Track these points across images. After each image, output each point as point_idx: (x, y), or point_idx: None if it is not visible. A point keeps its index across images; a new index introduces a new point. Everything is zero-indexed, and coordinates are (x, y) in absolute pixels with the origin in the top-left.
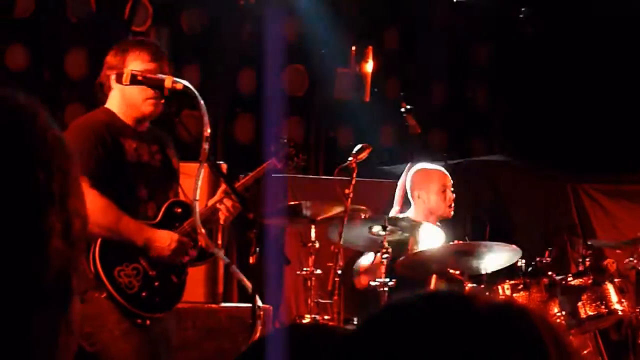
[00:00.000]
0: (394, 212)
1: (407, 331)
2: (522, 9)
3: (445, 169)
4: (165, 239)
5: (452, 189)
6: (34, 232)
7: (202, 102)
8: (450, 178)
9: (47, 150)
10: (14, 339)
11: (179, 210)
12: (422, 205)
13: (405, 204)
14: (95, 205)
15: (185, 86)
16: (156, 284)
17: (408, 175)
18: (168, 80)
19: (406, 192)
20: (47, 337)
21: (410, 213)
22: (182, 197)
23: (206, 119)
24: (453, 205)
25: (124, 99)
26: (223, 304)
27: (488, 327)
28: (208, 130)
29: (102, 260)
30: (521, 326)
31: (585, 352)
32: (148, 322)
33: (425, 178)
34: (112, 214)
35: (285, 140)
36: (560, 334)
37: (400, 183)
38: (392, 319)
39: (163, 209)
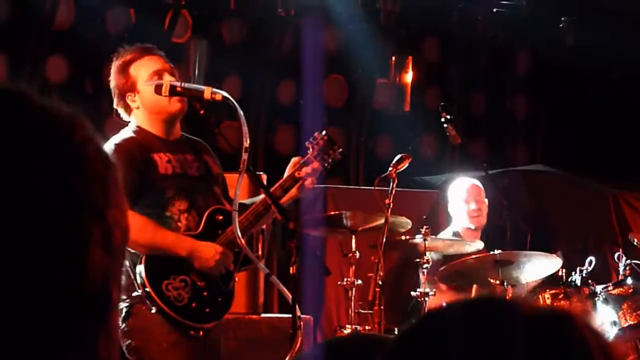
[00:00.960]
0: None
1: (449, 340)
2: (562, 18)
3: (486, 179)
4: (208, 251)
5: (482, 201)
6: (72, 242)
7: (241, 112)
8: (477, 188)
9: (85, 161)
10: (53, 350)
11: (221, 217)
12: (456, 218)
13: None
14: (132, 224)
15: (224, 97)
16: (205, 294)
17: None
18: (207, 92)
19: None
20: (87, 348)
21: (452, 227)
22: (226, 203)
23: (245, 129)
24: (477, 214)
25: (148, 109)
26: (264, 315)
27: (534, 334)
28: (247, 141)
29: (148, 276)
30: (568, 334)
31: None
32: (201, 332)
33: (452, 192)
34: (150, 230)
35: (320, 134)
36: (606, 340)
37: None
38: (433, 327)
39: (204, 218)
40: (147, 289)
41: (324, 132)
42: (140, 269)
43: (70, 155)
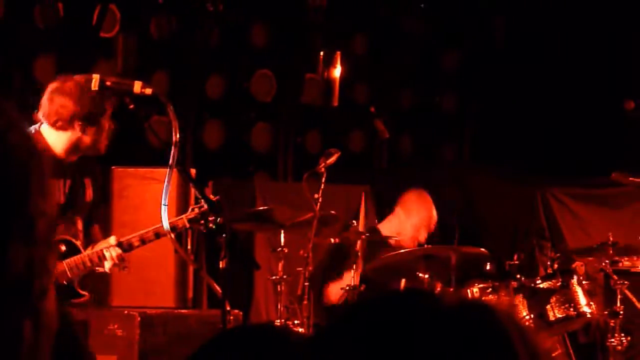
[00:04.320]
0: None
1: (370, 330)
2: (491, 16)
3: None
4: None
5: (431, 230)
6: None
7: (171, 107)
8: (435, 218)
9: (5, 148)
10: None
11: (63, 248)
12: (395, 224)
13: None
14: None
15: (154, 91)
16: None
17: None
18: (137, 86)
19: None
20: (10, 335)
21: (386, 223)
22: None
23: (175, 124)
24: (425, 237)
25: (68, 141)
26: (193, 309)
27: (455, 324)
28: (177, 136)
29: None
30: (488, 324)
31: (554, 354)
32: None
33: (412, 204)
34: None
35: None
36: (529, 333)
37: None
38: (354, 318)
39: None
40: None
41: (214, 199)
42: None
43: None
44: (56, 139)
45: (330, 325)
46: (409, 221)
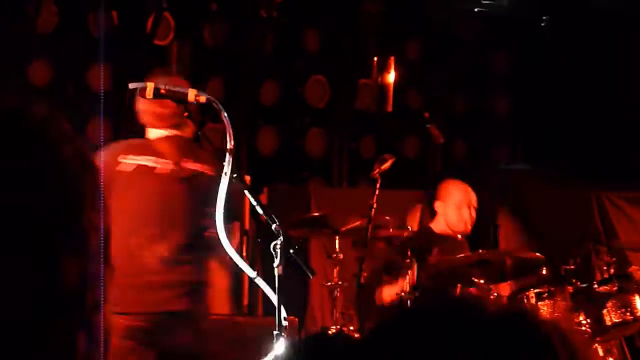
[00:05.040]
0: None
1: (415, 336)
2: (543, 17)
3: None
4: None
5: (474, 207)
6: (42, 247)
7: (225, 114)
8: (474, 197)
9: (58, 162)
10: (28, 351)
11: None
12: (441, 217)
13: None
14: None
15: (208, 99)
16: None
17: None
18: (191, 94)
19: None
20: (63, 348)
21: (434, 222)
22: None
23: (230, 131)
24: (468, 221)
25: None
26: (248, 317)
27: (496, 330)
28: (232, 143)
29: None
30: (531, 333)
31: (610, 359)
32: None
33: (447, 190)
34: None
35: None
36: (572, 339)
37: None
38: (401, 324)
39: None
40: None
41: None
42: None
43: (40, 156)
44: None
45: (377, 329)
46: (449, 206)
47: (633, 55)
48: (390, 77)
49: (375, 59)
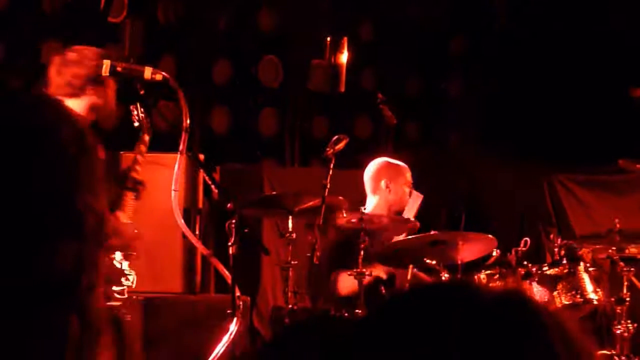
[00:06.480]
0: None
1: (413, 322)
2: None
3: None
4: None
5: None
6: (35, 228)
7: (181, 93)
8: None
9: (54, 144)
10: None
11: None
12: (385, 196)
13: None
14: None
15: (164, 77)
16: None
17: (373, 167)
18: (148, 71)
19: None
20: (55, 331)
21: (369, 205)
22: None
23: (186, 109)
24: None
25: None
26: (201, 294)
27: (493, 317)
28: (187, 121)
29: None
30: (524, 317)
31: None
32: None
33: (397, 171)
34: None
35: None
36: (565, 324)
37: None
38: (399, 310)
39: None
40: None
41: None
42: None
43: (35, 137)
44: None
45: (370, 316)
46: (399, 187)
47: (585, 35)
48: (343, 57)
49: (328, 39)
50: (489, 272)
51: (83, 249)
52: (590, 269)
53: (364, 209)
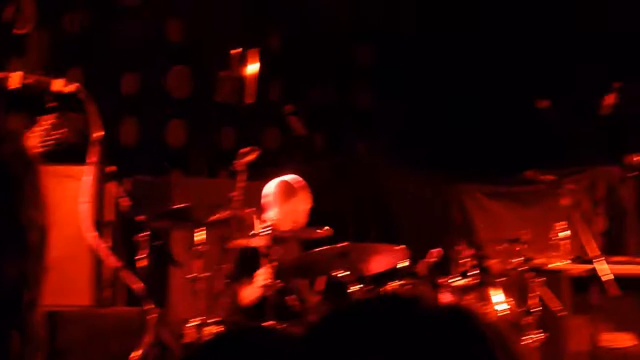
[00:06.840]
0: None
1: (354, 336)
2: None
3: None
4: None
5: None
6: None
7: (92, 104)
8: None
9: None
10: None
11: None
12: (288, 213)
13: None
14: None
15: (76, 88)
16: None
17: (276, 184)
18: (58, 83)
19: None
20: None
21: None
22: None
23: (96, 121)
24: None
25: None
26: (110, 308)
27: (434, 330)
28: (98, 133)
29: None
30: (467, 329)
31: None
32: None
33: (293, 191)
34: None
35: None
36: (507, 337)
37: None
38: (339, 324)
39: None
40: None
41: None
42: None
43: None
44: None
45: (313, 329)
46: (300, 206)
47: (492, 47)
48: (251, 69)
49: (236, 51)
50: (399, 283)
51: (26, 265)
52: (499, 279)
53: (267, 223)
